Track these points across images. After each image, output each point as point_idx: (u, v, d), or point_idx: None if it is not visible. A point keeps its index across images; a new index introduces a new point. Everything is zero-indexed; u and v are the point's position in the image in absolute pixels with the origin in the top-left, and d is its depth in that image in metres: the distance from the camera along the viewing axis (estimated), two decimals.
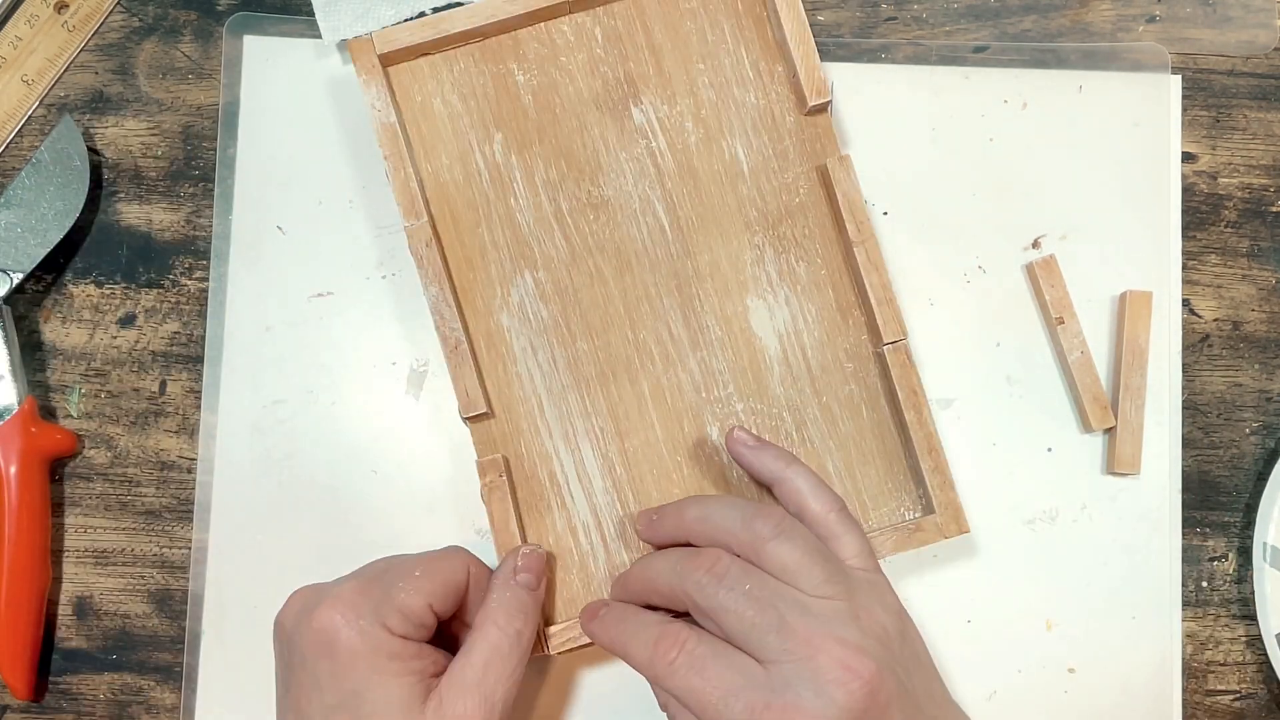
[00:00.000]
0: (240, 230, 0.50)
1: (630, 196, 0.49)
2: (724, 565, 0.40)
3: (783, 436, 0.48)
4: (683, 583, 0.41)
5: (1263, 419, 0.52)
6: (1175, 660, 0.50)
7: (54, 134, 0.48)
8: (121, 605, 0.49)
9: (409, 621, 0.41)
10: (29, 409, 0.48)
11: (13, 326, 0.49)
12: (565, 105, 0.49)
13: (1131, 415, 0.50)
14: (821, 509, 0.43)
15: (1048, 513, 0.50)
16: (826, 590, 0.39)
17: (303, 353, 0.50)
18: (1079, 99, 0.52)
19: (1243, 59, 0.53)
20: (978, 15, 0.53)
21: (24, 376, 0.48)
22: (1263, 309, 0.52)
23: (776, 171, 0.49)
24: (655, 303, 0.48)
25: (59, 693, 0.49)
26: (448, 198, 0.48)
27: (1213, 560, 0.51)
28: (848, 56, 0.52)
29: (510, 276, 0.48)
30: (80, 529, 0.50)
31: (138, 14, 0.51)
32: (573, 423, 0.48)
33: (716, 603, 0.39)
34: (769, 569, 0.40)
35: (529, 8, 0.48)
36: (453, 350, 0.46)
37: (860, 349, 0.48)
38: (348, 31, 0.48)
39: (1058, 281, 0.50)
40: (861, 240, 0.47)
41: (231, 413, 0.49)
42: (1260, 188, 0.53)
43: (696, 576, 0.40)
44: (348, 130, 0.50)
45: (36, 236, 0.48)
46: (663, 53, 0.49)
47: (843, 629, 0.38)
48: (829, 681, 0.37)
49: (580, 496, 0.47)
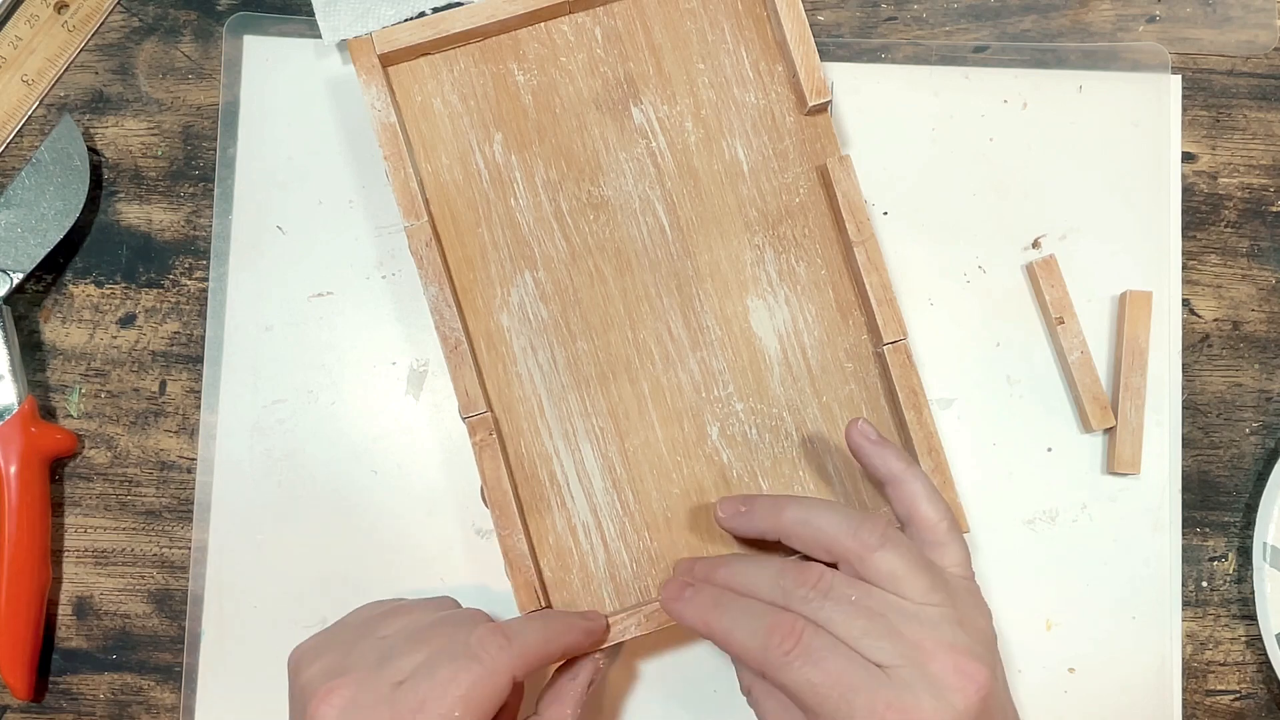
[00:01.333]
0: (240, 230, 0.50)
1: (630, 196, 0.49)
2: (828, 580, 0.40)
3: (783, 436, 0.48)
4: (788, 598, 0.40)
5: (1263, 419, 0.52)
6: (1175, 660, 0.50)
7: (54, 134, 0.48)
8: (121, 605, 0.49)
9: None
10: (29, 409, 0.48)
11: (13, 326, 0.49)
12: (565, 105, 0.49)
13: (1131, 415, 0.50)
14: (935, 516, 0.43)
15: (1048, 513, 0.50)
16: (932, 598, 0.39)
17: (303, 353, 0.50)
18: (1079, 99, 0.52)
19: (1243, 59, 0.53)
20: (978, 15, 0.53)
21: (24, 376, 0.48)
22: (1263, 309, 0.52)
23: (776, 171, 0.49)
24: (655, 303, 0.48)
25: (59, 693, 0.49)
26: (448, 198, 0.48)
27: (1213, 560, 0.51)
28: (848, 56, 0.52)
29: (510, 276, 0.48)
30: (80, 529, 0.50)
31: (138, 14, 0.51)
32: (573, 423, 0.48)
33: (825, 615, 0.39)
34: (873, 578, 0.40)
35: (529, 8, 0.48)
36: (453, 350, 0.46)
37: (860, 349, 0.48)
38: (348, 31, 0.48)
39: (1058, 281, 0.50)
40: (861, 240, 0.47)
41: (231, 413, 0.49)
42: (1260, 188, 0.53)
43: (802, 592, 0.40)
44: (348, 130, 0.50)
45: (37, 236, 0.48)
46: (663, 53, 0.49)
47: (952, 635, 0.38)
48: (946, 687, 0.37)
49: (580, 496, 0.47)
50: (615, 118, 0.49)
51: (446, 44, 0.48)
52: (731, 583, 0.42)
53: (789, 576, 0.40)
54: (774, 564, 0.42)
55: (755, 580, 0.42)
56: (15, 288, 0.48)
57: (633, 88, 0.49)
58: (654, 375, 0.48)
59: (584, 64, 0.49)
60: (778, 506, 0.43)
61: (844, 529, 0.41)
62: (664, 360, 0.48)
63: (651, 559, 0.47)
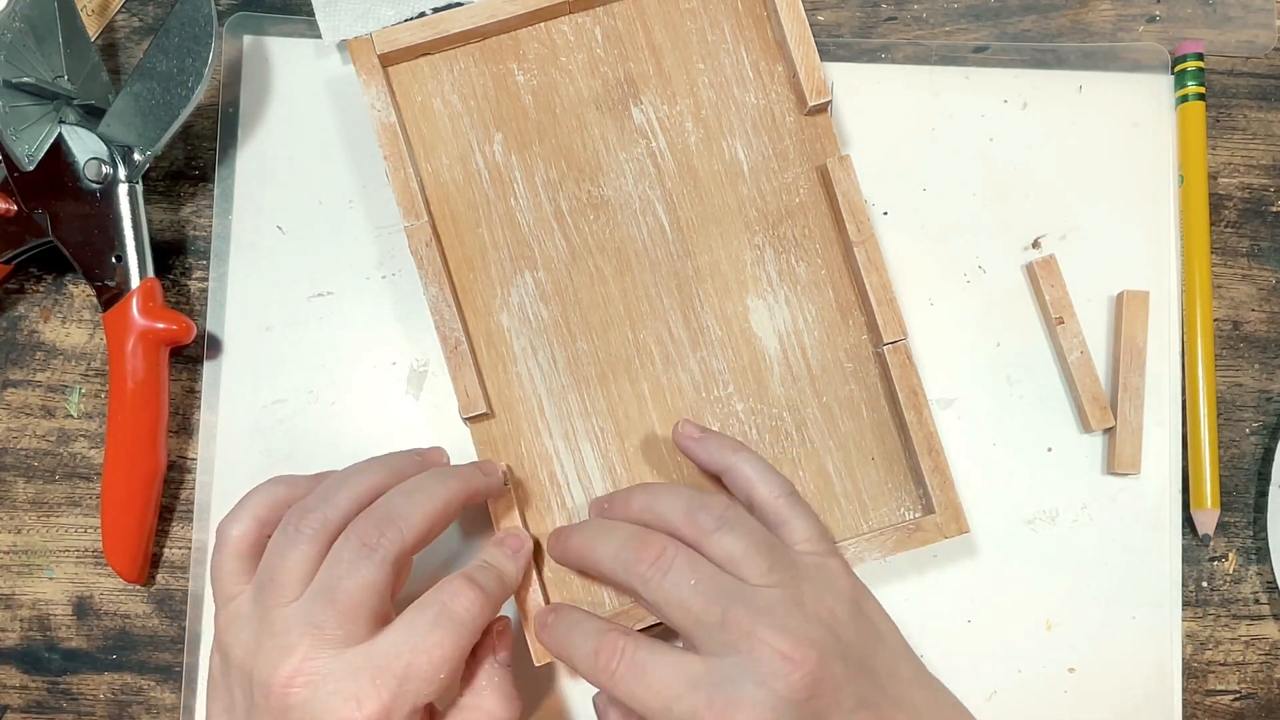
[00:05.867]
0: (240, 230, 0.50)
1: (630, 196, 0.49)
2: (669, 557, 0.40)
3: (783, 436, 0.48)
4: (628, 575, 0.40)
5: (1263, 419, 0.52)
6: (1175, 660, 0.50)
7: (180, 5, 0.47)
8: (121, 605, 0.49)
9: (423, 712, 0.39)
10: (148, 290, 0.47)
11: (141, 207, 0.47)
12: (565, 105, 0.49)
13: (1131, 415, 0.50)
14: (770, 494, 0.43)
15: (1048, 513, 0.50)
16: (770, 579, 0.39)
17: (303, 353, 0.50)
18: (1079, 99, 0.52)
19: (1243, 59, 0.53)
20: (978, 15, 0.53)
21: (149, 258, 0.47)
22: (1263, 309, 0.52)
23: (776, 171, 0.49)
24: (655, 303, 0.48)
25: (59, 693, 0.49)
26: (448, 198, 0.48)
27: (1213, 560, 0.51)
28: (848, 56, 0.52)
29: (510, 276, 0.48)
30: (80, 529, 0.50)
31: (138, 14, 0.51)
32: (573, 423, 0.48)
33: (661, 596, 0.39)
34: (714, 560, 0.40)
35: (529, 8, 0.48)
36: (453, 350, 0.46)
37: (860, 349, 0.48)
38: (348, 31, 0.48)
39: (1058, 281, 0.50)
40: (861, 240, 0.47)
41: (231, 413, 0.49)
42: (1260, 188, 0.53)
43: (641, 570, 0.40)
44: (348, 130, 0.50)
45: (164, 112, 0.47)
46: (663, 53, 0.49)
47: (785, 618, 0.38)
48: (768, 673, 0.37)
49: (580, 497, 0.47)
50: (615, 118, 0.49)
51: (446, 44, 0.48)
52: (584, 554, 0.43)
53: (632, 552, 0.40)
54: (620, 536, 0.42)
55: (601, 555, 0.42)
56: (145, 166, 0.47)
57: (633, 88, 0.49)
58: (654, 375, 0.48)
59: (584, 64, 0.49)
60: (628, 497, 0.44)
61: (681, 513, 0.41)
62: (664, 360, 0.48)
63: None
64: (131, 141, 0.47)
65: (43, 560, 0.50)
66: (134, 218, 0.47)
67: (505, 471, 0.46)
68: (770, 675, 0.37)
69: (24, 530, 0.50)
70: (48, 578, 0.50)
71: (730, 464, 0.44)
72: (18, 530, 0.50)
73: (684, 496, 0.42)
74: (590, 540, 0.42)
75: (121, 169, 0.47)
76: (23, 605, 0.50)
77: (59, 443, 0.50)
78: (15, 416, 0.50)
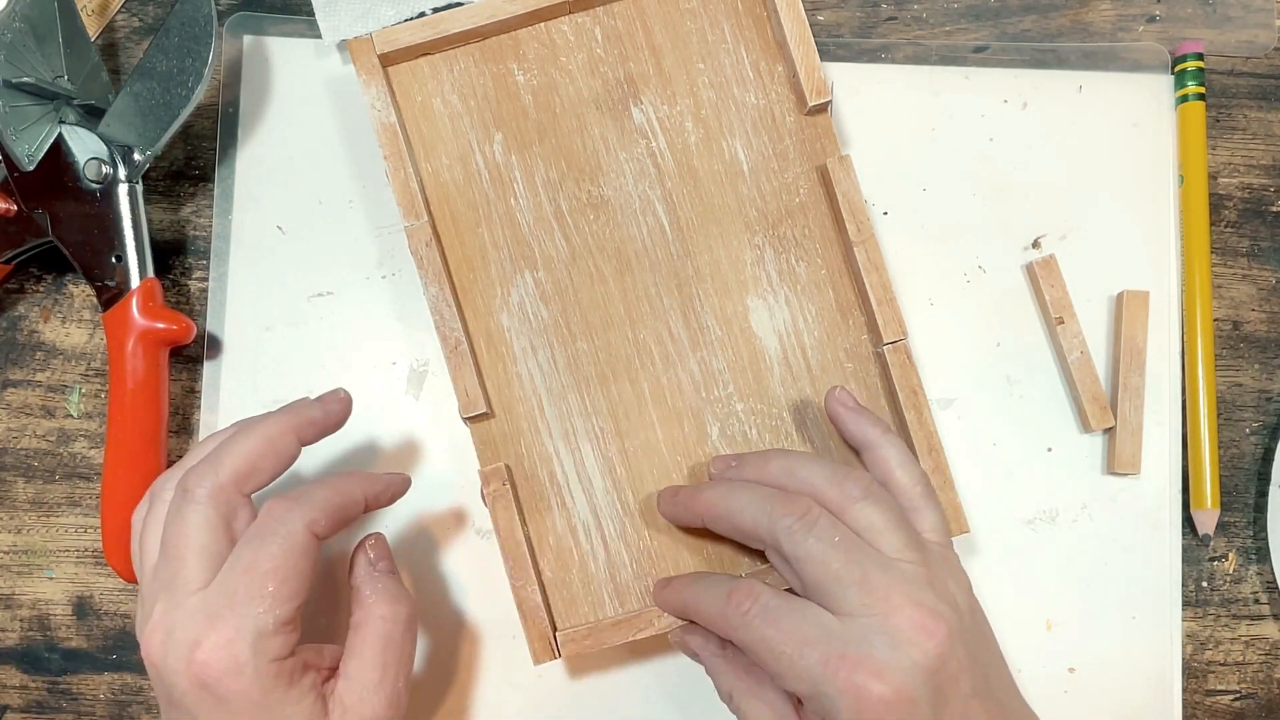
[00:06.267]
0: (240, 230, 0.50)
1: (630, 196, 0.49)
2: (815, 513, 0.40)
3: (783, 436, 0.48)
4: (771, 524, 0.40)
5: (1263, 419, 0.52)
6: (1175, 660, 0.50)
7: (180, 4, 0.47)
8: (121, 605, 0.49)
9: (288, 638, 0.39)
10: (148, 290, 0.47)
11: (141, 206, 0.47)
12: (565, 105, 0.49)
13: (1131, 415, 0.50)
14: (908, 481, 0.43)
15: (1048, 513, 0.50)
16: (907, 554, 0.40)
17: (303, 353, 0.50)
18: (1079, 99, 0.52)
19: (1243, 59, 0.53)
20: (978, 15, 0.53)
21: (149, 258, 0.47)
22: (1263, 309, 0.52)
23: (776, 171, 0.49)
24: (655, 303, 0.48)
25: (59, 693, 0.49)
26: (448, 198, 0.48)
27: (1213, 560, 0.51)
28: (848, 56, 0.52)
29: (510, 276, 0.48)
30: (80, 529, 0.50)
31: (138, 14, 0.51)
32: (573, 423, 0.48)
33: (804, 550, 0.40)
34: (854, 528, 0.40)
35: (529, 8, 0.48)
36: (453, 350, 0.46)
37: (860, 349, 0.48)
38: (348, 31, 0.48)
39: (1058, 281, 0.50)
40: (861, 240, 0.47)
41: (231, 413, 0.49)
42: (1260, 188, 0.53)
43: (787, 521, 0.40)
44: (348, 130, 0.50)
45: (163, 112, 0.47)
46: (663, 53, 0.49)
47: (919, 592, 0.39)
48: (904, 640, 0.38)
49: (580, 496, 0.47)
50: (615, 118, 0.49)
51: (446, 44, 0.48)
52: (721, 506, 0.43)
53: (777, 504, 0.41)
54: (763, 490, 0.42)
55: (742, 504, 0.42)
56: (145, 166, 0.47)
57: (633, 88, 0.49)
58: (654, 375, 0.48)
59: (584, 64, 0.49)
60: (765, 459, 0.44)
61: (829, 480, 0.41)
62: (664, 360, 0.48)
63: (652, 559, 0.47)
64: (131, 141, 0.47)
65: (43, 560, 0.50)
66: (134, 218, 0.47)
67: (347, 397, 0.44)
68: (906, 641, 0.38)
69: (24, 530, 0.50)
70: (48, 578, 0.50)
71: (876, 442, 0.44)
72: (18, 530, 0.50)
73: (829, 465, 0.42)
74: (726, 495, 0.43)
75: (121, 169, 0.47)
76: (23, 605, 0.50)
77: (59, 443, 0.50)
78: (15, 416, 0.50)
